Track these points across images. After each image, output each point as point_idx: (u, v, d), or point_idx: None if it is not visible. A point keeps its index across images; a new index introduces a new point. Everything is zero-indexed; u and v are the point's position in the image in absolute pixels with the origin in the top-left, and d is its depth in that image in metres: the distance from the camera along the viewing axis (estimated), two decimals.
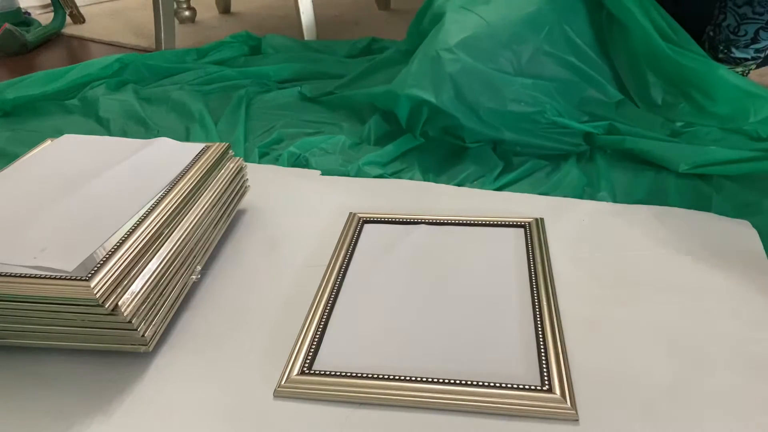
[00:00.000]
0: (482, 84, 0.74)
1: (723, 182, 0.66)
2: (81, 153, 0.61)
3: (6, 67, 1.42)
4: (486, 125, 0.75)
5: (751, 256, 0.54)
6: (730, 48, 0.79)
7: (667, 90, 0.77)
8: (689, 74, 0.73)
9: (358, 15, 1.67)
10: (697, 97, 0.75)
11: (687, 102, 0.77)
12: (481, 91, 0.74)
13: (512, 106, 0.65)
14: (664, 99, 0.77)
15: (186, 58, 1.21)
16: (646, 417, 0.39)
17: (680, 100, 0.77)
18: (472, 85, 0.74)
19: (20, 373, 0.46)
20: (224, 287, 0.55)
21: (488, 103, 0.70)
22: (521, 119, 0.74)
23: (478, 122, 0.74)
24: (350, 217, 0.63)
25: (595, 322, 0.48)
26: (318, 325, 0.48)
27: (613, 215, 0.62)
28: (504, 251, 0.57)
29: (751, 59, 0.82)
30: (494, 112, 0.74)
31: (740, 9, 0.75)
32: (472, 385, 0.41)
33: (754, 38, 0.77)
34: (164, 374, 0.46)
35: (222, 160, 0.61)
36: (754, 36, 0.77)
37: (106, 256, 0.44)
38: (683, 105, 0.77)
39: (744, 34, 0.77)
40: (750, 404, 0.40)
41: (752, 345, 0.44)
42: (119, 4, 2.03)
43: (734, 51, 0.80)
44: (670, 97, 0.77)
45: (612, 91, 0.78)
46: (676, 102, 0.77)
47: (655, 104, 0.77)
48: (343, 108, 0.96)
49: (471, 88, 0.74)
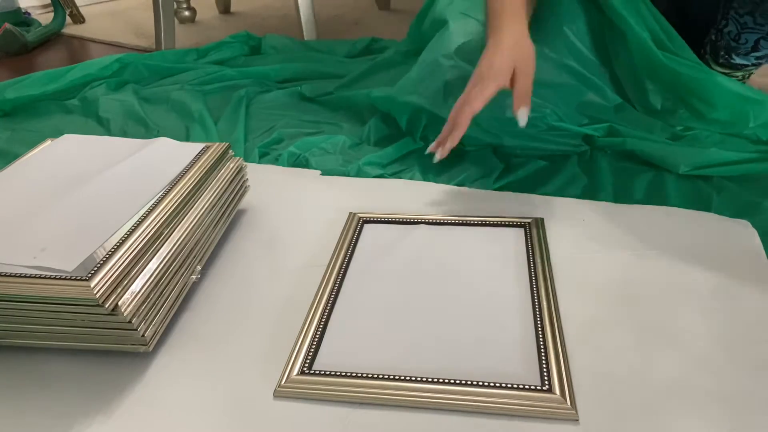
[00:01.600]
0: None
1: (723, 183, 0.66)
2: (81, 153, 0.61)
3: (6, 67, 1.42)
4: (485, 132, 0.75)
5: (751, 256, 0.54)
6: (731, 54, 0.79)
7: (666, 96, 0.77)
8: (687, 82, 0.73)
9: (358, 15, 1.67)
10: (696, 104, 0.75)
11: (686, 108, 0.77)
12: None
13: (511, 113, 0.65)
14: (663, 105, 0.77)
15: (186, 58, 1.21)
16: (645, 417, 0.39)
17: (679, 106, 0.77)
18: None
19: (20, 373, 0.46)
20: (224, 287, 0.55)
21: (487, 111, 0.70)
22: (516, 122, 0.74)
23: (478, 129, 0.74)
24: (350, 217, 0.63)
25: (595, 322, 0.48)
26: (318, 325, 0.48)
27: (613, 215, 0.62)
28: (504, 251, 0.57)
29: (751, 65, 0.82)
30: (493, 119, 0.74)
31: (742, 18, 0.75)
32: (471, 385, 0.41)
33: (754, 47, 0.77)
34: (164, 374, 0.46)
35: (222, 160, 0.61)
36: (755, 45, 0.77)
37: (106, 256, 0.44)
38: (682, 111, 0.77)
39: (745, 42, 0.77)
40: (751, 404, 0.40)
41: (752, 345, 0.44)
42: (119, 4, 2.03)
43: (735, 57, 0.80)
44: (669, 103, 0.77)
45: (611, 96, 0.78)
46: (675, 108, 0.77)
47: (655, 110, 0.77)
48: (343, 108, 0.96)
49: None
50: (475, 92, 0.62)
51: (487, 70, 0.63)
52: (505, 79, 0.62)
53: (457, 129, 0.63)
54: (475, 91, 0.62)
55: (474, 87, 0.63)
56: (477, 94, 0.62)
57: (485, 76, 0.63)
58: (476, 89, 0.62)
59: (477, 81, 0.63)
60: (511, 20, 0.66)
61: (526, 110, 0.62)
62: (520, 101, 0.62)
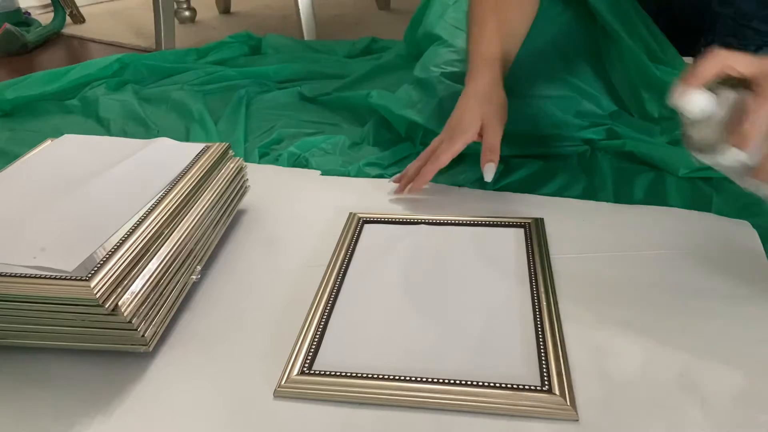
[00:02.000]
0: None
1: (723, 183, 0.66)
2: (81, 153, 0.61)
3: (6, 67, 1.42)
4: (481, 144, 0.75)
5: (751, 257, 0.54)
6: None
7: (663, 105, 0.77)
8: None
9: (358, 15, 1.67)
10: None
11: None
12: None
13: (507, 127, 0.65)
14: (661, 113, 0.77)
15: (186, 58, 1.21)
16: (646, 417, 0.39)
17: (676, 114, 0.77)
18: None
19: (20, 373, 0.46)
20: (224, 287, 0.55)
21: None
22: (517, 134, 0.74)
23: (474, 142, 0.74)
24: (350, 217, 0.63)
25: (595, 322, 0.48)
26: (318, 325, 0.48)
27: (613, 215, 0.62)
28: (504, 251, 0.57)
29: None
30: None
31: (726, 39, 0.75)
32: (471, 386, 0.41)
33: None
34: (164, 374, 0.46)
35: (222, 160, 0.61)
36: None
37: (106, 256, 0.44)
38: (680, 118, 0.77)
39: None
40: (751, 404, 0.40)
41: (752, 346, 0.44)
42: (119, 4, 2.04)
43: None
44: (667, 111, 0.77)
45: (606, 104, 0.78)
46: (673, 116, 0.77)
47: (652, 117, 0.77)
48: (343, 108, 0.96)
49: None
50: (444, 147, 0.64)
51: (456, 125, 0.65)
52: (472, 135, 0.64)
53: (420, 180, 0.65)
54: (443, 147, 0.64)
55: (442, 142, 0.65)
56: (445, 149, 0.64)
57: (454, 131, 0.64)
58: (444, 144, 0.64)
59: (447, 135, 0.65)
60: (485, 69, 0.66)
61: (492, 166, 0.63)
62: (485, 157, 0.63)
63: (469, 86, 0.67)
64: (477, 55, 0.68)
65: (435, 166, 0.64)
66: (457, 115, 0.65)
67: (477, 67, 0.67)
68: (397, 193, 0.68)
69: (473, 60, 0.68)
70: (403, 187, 0.67)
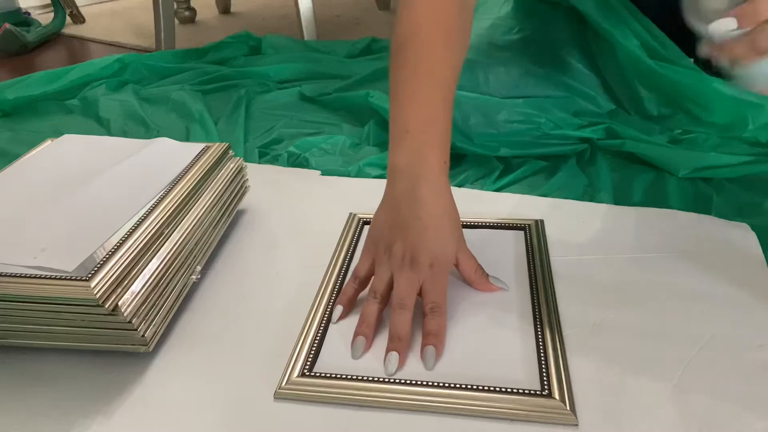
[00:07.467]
0: (472, 111, 0.74)
1: (723, 184, 0.66)
2: (81, 153, 0.61)
3: (6, 67, 1.42)
4: (482, 146, 0.75)
5: (750, 260, 0.54)
6: None
7: (662, 102, 0.77)
8: (683, 89, 0.73)
9: (358, 15, 1.67)
10: (693, 109, 0.75)
11: (683, 114, 0.76)
12: (471, 119, 0.74)
13: (505, 127, 0.64)
14: (660, 111, 0.77)
15: (186, 58, 1.21)
16: (645, 422, 0.39)
17: (677, 112, 0.77)
18: (462, 113, 0.73)
19: (20, 373, 0.46)
20: (224, 287, 0.55)
21: (480, 129, 0.70)
22: (517, 135, 0.74)
23: (473, 145, 0.74)
24: (350, 218, 0.63)
25: (595, 325, 0.48)
26: (318, 326, 0.48)
27: (613, 217, 0.62)
28: (503, 253, 0.57)
29: None
30: (488, 135, 0.74)
31: None
32: (471, 389, 0.41)
33: None
34: (164, 374, 0.46)
35: (222, 160, 0.61)
36: None
37: (106, 256, 0.44)
38: (680, 116, 0.77)
39: None
40: (751, 408, 0.40)
41: (752, 350, 0.44)
42: (119, 4, 2.04)
43: None
44: (666, 109, 0.77)
45: (604, 103, 0.78)
46: (672, 114, 0.77)
47: (651, 116, 0.77)
48: (343, 108, 0.96)
49: (461, 116, 0.73)
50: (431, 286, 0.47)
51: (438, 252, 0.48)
52: None
53: (441, 342, 0.45)
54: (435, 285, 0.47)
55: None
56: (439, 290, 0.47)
57: (438, 261, 0.48)
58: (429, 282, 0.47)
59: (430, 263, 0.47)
60: (433, 162, 0.49)
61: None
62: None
63: (406, 206, 0.49)
64: (413, 134, 0.50)
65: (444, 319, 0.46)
66: (433, 238, 0.47)
67: (421, 164, 0.49)
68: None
69: (410, 140, 0.50)
70: (404, 360, 0.44)
